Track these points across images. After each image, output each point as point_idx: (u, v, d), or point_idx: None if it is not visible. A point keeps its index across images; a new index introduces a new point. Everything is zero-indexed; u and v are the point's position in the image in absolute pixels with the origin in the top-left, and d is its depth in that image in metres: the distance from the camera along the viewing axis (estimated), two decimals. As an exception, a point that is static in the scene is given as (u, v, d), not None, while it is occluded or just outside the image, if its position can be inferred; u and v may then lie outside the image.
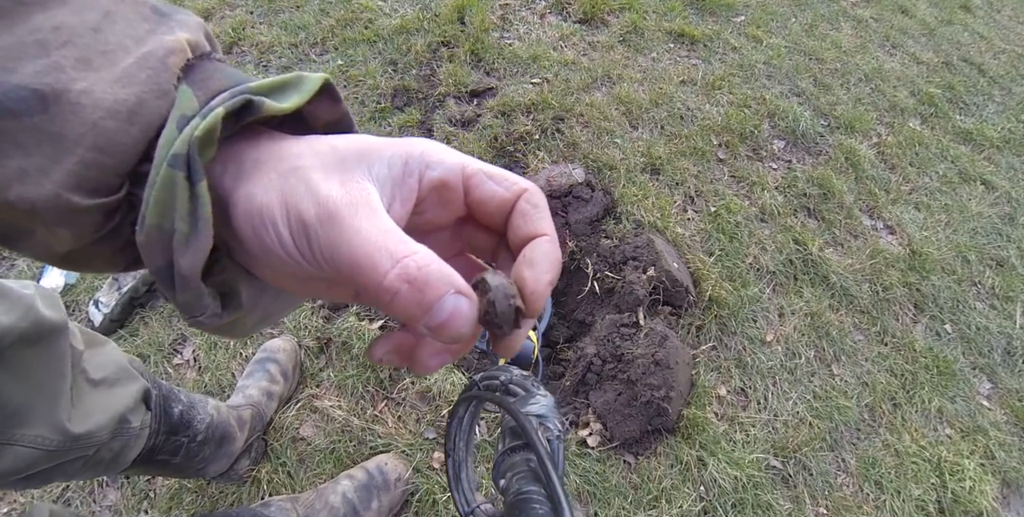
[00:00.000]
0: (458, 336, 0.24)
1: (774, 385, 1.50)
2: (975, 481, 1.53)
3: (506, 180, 0.28)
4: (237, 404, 1.06)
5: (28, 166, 0.22)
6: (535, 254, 0.27)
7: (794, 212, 1.77)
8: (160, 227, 0.24)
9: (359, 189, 0.24)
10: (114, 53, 0.24)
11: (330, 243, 0.23)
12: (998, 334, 1.84)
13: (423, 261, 0.23)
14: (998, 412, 1.73)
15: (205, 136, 0.23)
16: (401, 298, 0.23)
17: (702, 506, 1.27)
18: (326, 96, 0.29)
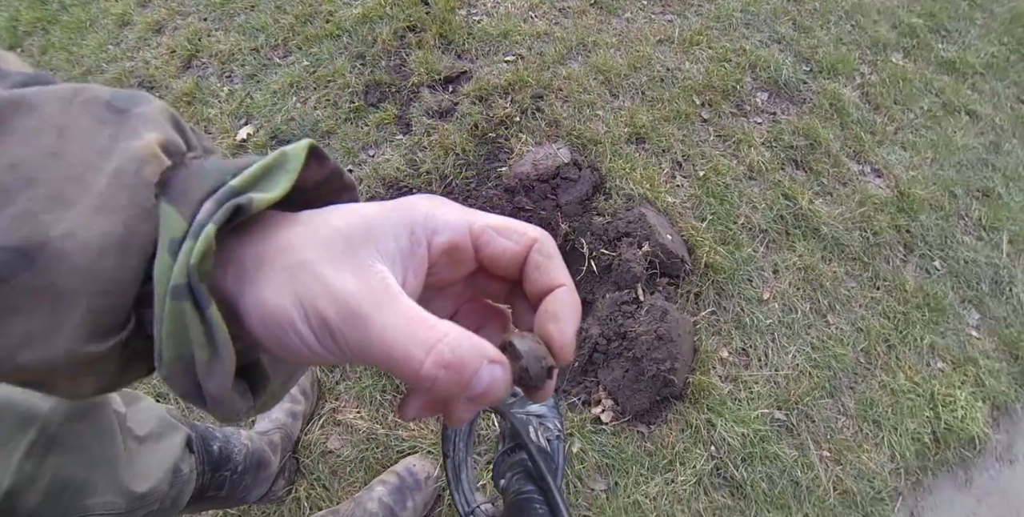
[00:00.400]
0: (497, 400, 0.24)
1: (773, 341, 1.55)
2: (966, 410, 1.62)
3: (514, 233, 0.28)
4: (265, 429, 1.11)
5: (32, 329, 0.21)
6: (556, 308, 0.28)
7: (782, 166, 1.78)
8: (180, 359, 0.23)
9: (374, 277, 0.24)
10: (82, 177, 0.22)
11: (357, 340, 0.23)
12: (985, 266, 1.88)
13: (454, 342, 0.23)
14: (987, 341, 1.80)
15: (201, 259, 0.22)
16: (440, 383, 0.23)
17: (713, 464, 1.35)
18: (313, 160, 0.28)
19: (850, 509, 1.42)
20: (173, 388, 0.24)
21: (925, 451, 1.55)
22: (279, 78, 1.87)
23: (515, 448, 0.71)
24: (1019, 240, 1.95)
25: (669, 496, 1.26)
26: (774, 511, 1.34)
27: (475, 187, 1.56)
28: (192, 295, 0.22)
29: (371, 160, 1.68)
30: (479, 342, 0.24)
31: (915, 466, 1.53)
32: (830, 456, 1.47)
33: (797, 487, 1.39)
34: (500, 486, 0.69)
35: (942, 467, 1.58)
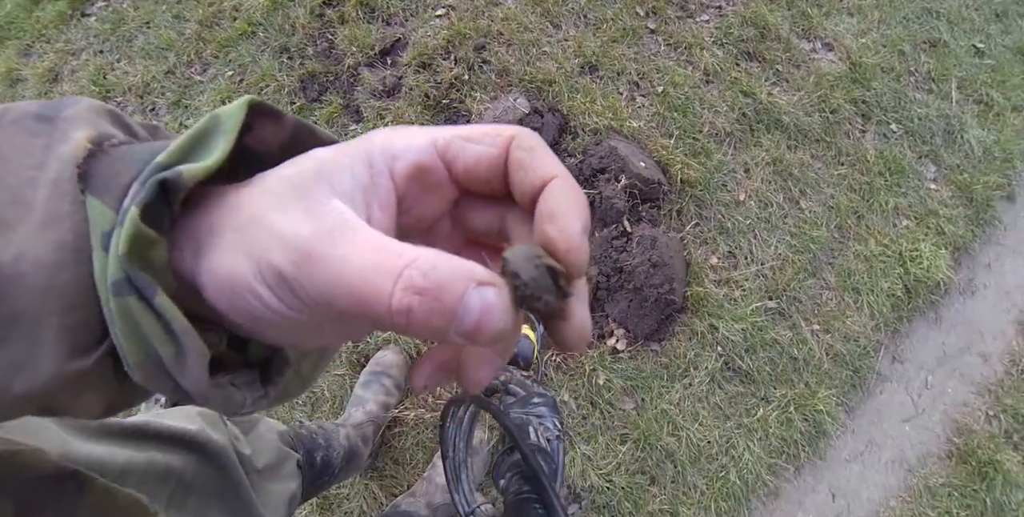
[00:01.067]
0: (499, 333, 0.19)
1: (755, 238, 1.59)
2: (931, 260, 1.70)
3: (486, 136, 0.23)
4: (359, 422, 1.14)
5: (15, 357, 0.20)
6: (551, 204, 0.22)
7: (736, 62, 1.70)
8: (146, 359, 0.20)
9: (328, 215, 0.20)
10: (22, 196, 0.20)
11: (317, 288, 0.19)
12: (937, 118, 1.88)
13: (427, 264, 0.19)
14: (944, 191, 1.85)
15: (131, 250, 0.19)
16: (417, 315, 0.18)
17: (722, 361, 1.44)
18: (263, 118, 0.24)
19: (842, 368, 1.54)
20: (158, 391, 0.22)
21: (899, 304, 1.65)
22: (207, 97, 1.67)
23: (513, 448, 0.69)
24: (966, 85, 1.93)
25: (690, 398, 1.36)
26: (780, 387, 1.45)
27: None
28: (134, 287, 0.19)
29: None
30: (461, 263, 0.19)
31: (892, 318, 1.64)
32: (820, 328, 1.57)
33: (795, 362, 1.49)
34: (500, 486, 0.69)
35: (915, 313, 1.69)
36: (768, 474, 1.36)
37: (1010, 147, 1.94)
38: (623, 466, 1.27)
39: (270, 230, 0.20)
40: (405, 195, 0.23)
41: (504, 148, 0.23)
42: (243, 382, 0.23)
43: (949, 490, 1.51)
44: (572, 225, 0.21)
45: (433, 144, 0.23)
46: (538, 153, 0.23)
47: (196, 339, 0.20)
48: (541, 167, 0.22)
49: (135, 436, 0.56)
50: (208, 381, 0.21)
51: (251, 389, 0.23)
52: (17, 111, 0.22)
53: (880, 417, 1.54)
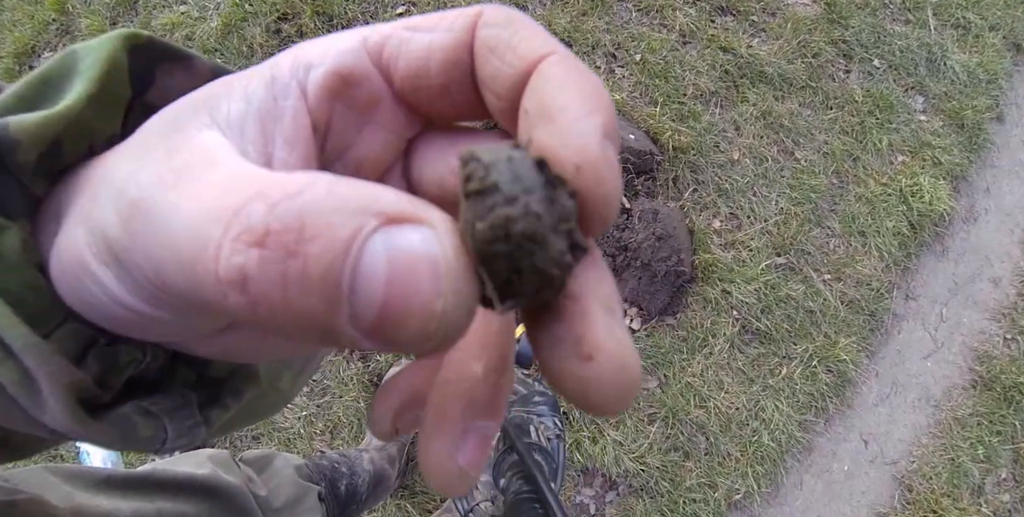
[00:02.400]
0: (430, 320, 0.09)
1: (755, 196, 1.40)
2: (931, 192, 1.51)
3: (442, 20, 0.14)
4: (383, 444, 1.01)
5: None
6: (544, 93, 0.12)
7: (711, 19, 1.47)
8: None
9: (187, 148, 0.12)
10: None
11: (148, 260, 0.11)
12: (919, 48, 1.65)
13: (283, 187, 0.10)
14: (934, 120, 1.64)
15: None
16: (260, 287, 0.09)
17: (740, 325, 1.28)
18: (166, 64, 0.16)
19: (858, 314, 1.38)
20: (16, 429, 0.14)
21: (906, 241, 1.47)
22: None
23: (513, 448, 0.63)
24: (941, 11, 1.69)
25: (712, 367, 1.20)
26: (800, 342, 1.30)
27: None
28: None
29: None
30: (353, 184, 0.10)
31: (900, 257, 1.46)
32: (831, 277, 1.39)
33: (812, 315, 1.33)
34: (500, 486, 0.62)
35: (922, 248, 1.51)
36: (799, 431, 1.21)
37: (993, 67, 1.71)
38: (655, 446, 1.13)
39: (113, 184, 0.12)
40: (329, 123, 0.14)
41: (467, 32, 0.13)
42: (165, 408, 0.15)
43: (978, 419, 1.35)
44: (582, 126, 0.11)
45: (363, 43, 0.14)
46: (518, 27, 0.13)
47: (45, 357, 0.12)
48: (523, 45, 0.12)
49: (141, 486, 0.49)
50: (71, 415, 0.13)
51: (177, 417, 0.15)
52: None
53: (901, 357, 1.38)
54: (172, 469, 0.54)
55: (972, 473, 1.27)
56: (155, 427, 0.15)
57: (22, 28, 1.45)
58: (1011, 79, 1.73)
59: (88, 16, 1.45)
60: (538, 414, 0.71)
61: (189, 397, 0.16)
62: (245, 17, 1.48)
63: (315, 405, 1.13)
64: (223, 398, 0.17)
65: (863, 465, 1.25)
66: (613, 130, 0.12)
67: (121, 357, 0.14)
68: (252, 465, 0.70)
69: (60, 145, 0.14)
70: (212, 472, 0.57)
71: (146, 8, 1.50)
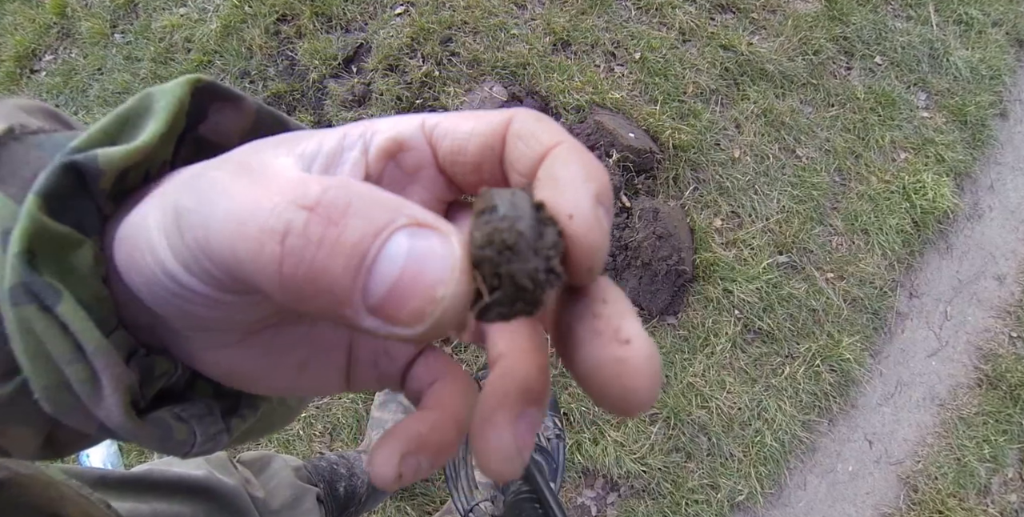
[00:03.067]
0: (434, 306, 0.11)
1: (756, 194, 1.37)
2: (935, 190, 1.48)
3: (483, 117, 0.17)
4: None
5: None
6: (552, 168, 0.14)
7: (710, 17, 1.44)
8: (55, 385, 0.14)
9: (261, 160, 0.14)
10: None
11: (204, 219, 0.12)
12: (921, 45, 1.61)
13: (336, 180, 0.12)
14: (937, 117, 1.60)
15: (29, 247, 0.14)
16: (296, 240, 0.11)
17: (742, 324, 1.25)
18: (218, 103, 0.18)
19: (861, 312, 1.34)
20: (77, 426, 0.15)
21: (909, 239, 1.44)
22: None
23: None
24: (943, 7, 1.65)
25: (714, 367, 1.17)
26: (803, 341, 1.27)
27: None
28: (33, 294, 0.14)
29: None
30: (391, 195, 0.12)
31: (904, 254, 1.42)
32: (834, 276, 1.36)
33: (815, 314, 1.30)
34: (500, 485, 0.62)
35: (925, 245, 1.47)
36: (803, 431, 1.18)
37: (996, 63, 1.67)
38: (656, 447, 1.10)
39: (195, 179, 0.14)
40: (381, 176, 0.17)
41: (502, 125, 0.16)
42: (194, 415, 0.17)
43: (983, 418, 1.32)
44: (578, 189, 0.13)
45: (422, 124, 0.17)
46: (543, 124, 0.15)
47: (111, 357, 0.14)
48: (544, 135, 0.15)
49: (136, 487, 0.48)
50: (126, 412, 0.15)
51: (204, 423, 0.17)
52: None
53: (906, 356, 1.34)
54: (168, 470, 0.53)
55: (978, 473, 1.24)
56: (187, 431, 0.17)
57: (23, 31, 1.43)
58: (1014, 75, 1.69)
59: (88, 19, 1.44)
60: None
61: (213, 406, 0.18)
62: (244, 19, 1.46)
63: (314, 407, 1.11)
64: (241, 409, 0.19)
65: (868, 465, 1.21)
66: (607, 199, 0.14)
67: (156, 367, 0.16)
68: (250, 466, 0.68)
69: (127, 172, 0.16)
70: (208, 473, 0.56)
71: (146, 11, 1.48)
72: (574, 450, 1.07)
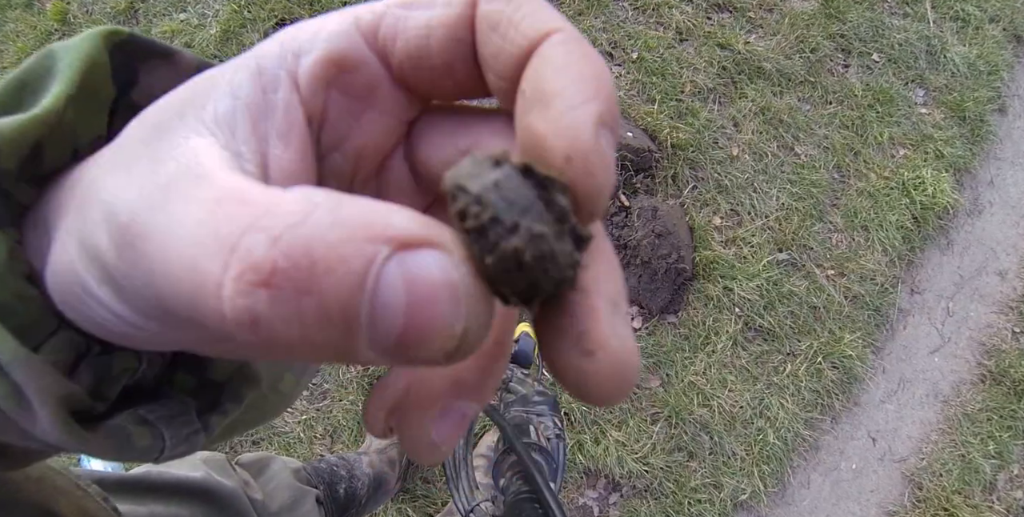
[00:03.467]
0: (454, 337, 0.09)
1: (755, 192, 1.35)
2: (934, 185, 1.46)
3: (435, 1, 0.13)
4: (383, 445, 0.98)
5: None
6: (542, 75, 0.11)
7: (707, 17, 1.43)
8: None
9: (175, 159, 0.11)
10: None
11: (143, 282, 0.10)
12: (918, 41, 1.60)
13: (287, 216, 0.09)
14: (935, 113, 1.59)
15: None
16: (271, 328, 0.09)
17: (743, 322, 1.24)
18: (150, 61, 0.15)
19: (863, 309, 1.33)
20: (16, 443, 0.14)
21: (910, 235, 1.42)
22: None
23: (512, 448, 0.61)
24: (940, 3, 1.65)
25: (715, 365, 1.16)
26: (804, 338, 1.25)
27: None
28: None
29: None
30: (359, 205, 0.09)
31: (904, 251, 1.41)
32: (834, 273, 1.35)
33: (816, 311, 1.28)
34: (500, 486, 0.60)
35: (926, 241, 1.46)
36: (806, 429, 1.17)
37: (994, 59, 1.65)
38: (658, 446, 1.09)
39: (100, 199, 0.11)
40: (325, 113, 0.13)
41: (468, 6, 0.12)
42: (162, 416, 0.15)
43: (988, 414, 1.30)
44: (577, 114, 0.10)
45: (355, 24, 0.12)
46: (522, 1, 0.11)
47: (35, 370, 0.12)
48: (527, 21, 0.11)
49: (133, 489, 0.47)
50: (61, 427, 0.12)
51: (174, 424, 0.15)
52: None
53: (908, 353, 1.33)
54: (166, 472, 0.52)
55: (983, 469, 1.22)
56: (152, 436, 0.14)
57: (24, 39, 1.43)
58: (1012, 70, 1.68)
59: (90, 25, 1.44)
60: (537, 414, 0.67)
61: (188, 404, 0.16)
62: (244, 23, 1.46)
63: (315, 409, 1.10)
64: (223, 404, 0.16)
65: (871, 463, 1.20)
66: (612, 118, 0.11)
67: (115, 366, 0.14)
68: (249, 468, 0.67)
69: (42, 149, 0.13)
70: (207, 475, 0.55)
71: (146, 16, 1.48)
72: (575, 450, 1.06)
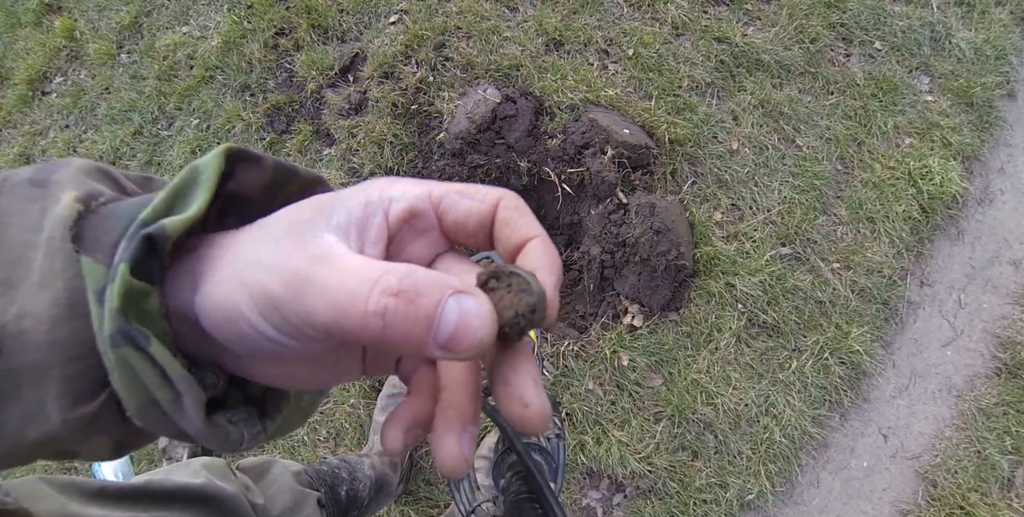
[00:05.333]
0: (479, 343, 0.17)
1: (756, 186, 1.29)
2: (942, 174, 1.38)
3: (478, 193, 0.22)
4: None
5: (28, 407, 0.18)
6: (531, 261, 0.21)
7: (703, 11, 1.37)
8: (146, 404, 0.19)
9: (318, 244, 0.18)
10: (22, 258, 0.19)
11: (304, 305, 0.17)
12: (921, 28, 1.52)
13: (404, 271, 0.17)
14: (942, 100, 1.51)
15: (124, 304, 0.17)
16: (393, 317, 0.17)
17: (746, 319, 1.18)
18: (243, 163, 0.21)
19: (870, 303, 1.26)
20: (160, 433, 0.20)
21: (918, 225, 1.35)
22: (178, 150, 1.41)
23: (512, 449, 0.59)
24: (945, -12, 1.53)
25: (718, 363, 1.10)
26: (810, 334, 1.19)
27: (422, 166, 1.24)
28: (130, 339, 0.18)
29: (313, 185, 1.30)
30: (442, 275, 0.18)
31: (912, 242, 1.33)
32: (840, 266, 1.28)
33: (822, 305, 1.22)
34: (500, 486, 0.59)
35: (935, 232, 1.38)
36: (813, 426, 1.10)
37: (1001, 43, 1.56)
38: (662, 445, 1.04)
39: (259, 261, 0.19)
40: (396, 236, 0.22)
41: (493, 206, 0.22)
42: (240, 419, 0.21)
43: (1004, 409, 1.22)
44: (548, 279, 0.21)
45: (428, 194, 0.22)
46: (524, 214, 0.22)
47: (191, 383, 0.19)
48: (525, 226, 0.22)
49: (135, 497, 0.48)
50: (204, 422, 0.19)
51: (248, 425, 0.21)
52: (14, 178, 0.21)
53: (919, 346, 1.25)
54: (167, 480, 0.51)
55: (1000, 466, 1.14)
56: (237, 433, 0.20)
57: (34, 56, 1.43)
58: (1021, 54, 1.58)
59: (96, 41, 1.43)
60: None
61: (251, 411, 0.21)
62: (244, 34, 1.44)
63: (318, 413, 1.08)
64: (270, 412, 0.22)
65: (883, 461, 1.13)
66: (560, 283, 0.21)
67: (207, 381, 0.20)
68: (249, 473, 0.66)
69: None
70: (207, 481, 0.55)
71: (150, 31, 1.47)
72: (578, 451, 1.02)
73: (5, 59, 1.48)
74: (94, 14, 1.54)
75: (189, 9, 1.51)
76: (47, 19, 1.53)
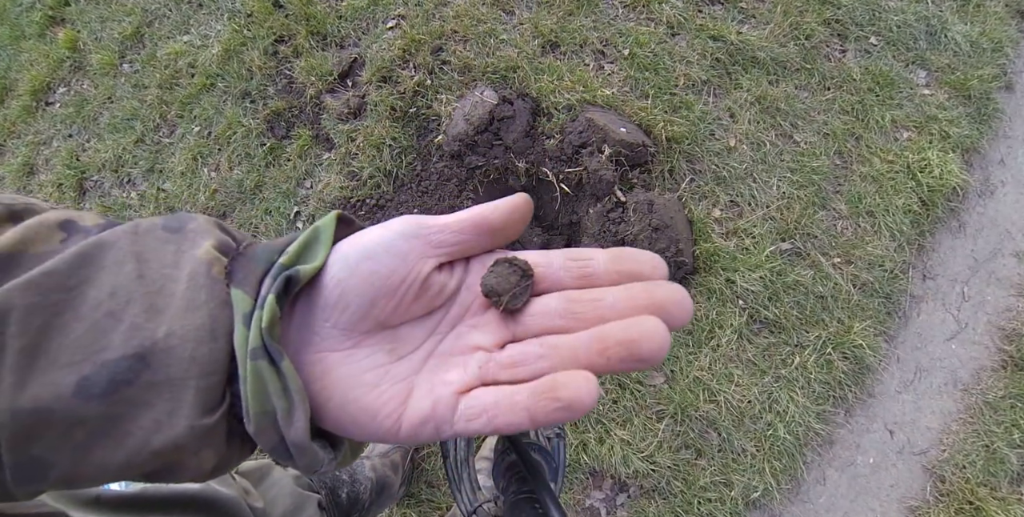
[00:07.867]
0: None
1: (755, 182, 1.26)
2: (941, 166, 1.35)
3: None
4: (385, 450, 0.94)
5: (158, 415, 0.20)
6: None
7: (698, 10, 1.35)
8: (264, 413, 0.21)
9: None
10: (164, 288, 0.22)
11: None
12: (916, 22, 1.48)
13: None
14: (939, 94, 1.47)
15: (270, 324, 0.21)
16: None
17: (747, 315, 1.15)
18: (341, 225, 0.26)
19: (872, 297, 1.23)
20: (262, 444, 0.22)
21: (918, 218, 1.31)
22: (180, 157, 1.40)
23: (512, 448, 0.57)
24: (940, -18, 1.50)
25: (720, 360, 1.07)
26: (812, 329, 1.16)
27: (421, 169, 1.22)
28: (267, 354, 0.21)
29: (312, 192, 1.29)
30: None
31: (913, 235, 1.30)
32: (841, 260, 1.25)
33: (823, 300, 1.19)
34: (500, 486, 0.58)
35: (936, 225, 1.35)
36: (818, 423, 1.07)
37: (997, 35, 1.53)
38: (665, 444, 1.01)
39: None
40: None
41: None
42: (322, 446, 0.24)
43: (1011, 401, 1.19)
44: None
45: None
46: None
47: (304, 397, 0.22)
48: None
49: (132, 504, 0.48)
50: (306, 433, 0.22)
51: (325, 451, 0.24)
52: (146, 224, 0.24)
53: (923, 340, 1.22)
54: (164, 486, 0.49)
55: (1009, 460, 1.11)
56: (323, 456, 0.24)
57: (38, 67, 1.42)
58: (1018, 46, 1.55)
59: (98, 51, 1.42)
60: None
61: (324, 441, 0.24)
62: (244, 42, 1.43)
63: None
64: (337, 446, 0.25)
65: (890, 456, 1.10)
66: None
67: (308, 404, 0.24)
68: (249, 477, 0.64)
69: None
70: (205, 485, 0.53)
71: (152, 40, 1.46)
72: (580, 450, 0.99)
73: (9, 71, 1.47)
74: (97, 25, 1.54)
75: (190, 18, 1.50)
76: (51, 31, 1.53)
